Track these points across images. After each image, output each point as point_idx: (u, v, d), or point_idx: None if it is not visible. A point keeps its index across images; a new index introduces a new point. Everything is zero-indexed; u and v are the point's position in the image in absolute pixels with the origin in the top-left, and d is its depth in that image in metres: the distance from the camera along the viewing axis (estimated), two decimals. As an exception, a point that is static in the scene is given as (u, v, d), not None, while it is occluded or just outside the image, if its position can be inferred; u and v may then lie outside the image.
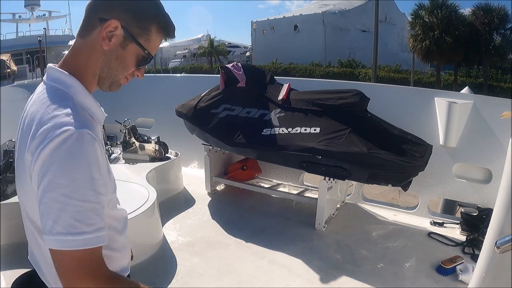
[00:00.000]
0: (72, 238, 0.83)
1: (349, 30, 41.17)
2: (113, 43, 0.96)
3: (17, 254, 3.01)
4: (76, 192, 0.83)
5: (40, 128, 0.86)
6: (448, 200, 4.31)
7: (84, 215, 0.84)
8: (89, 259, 0.86)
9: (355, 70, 30.72)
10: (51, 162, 0.83)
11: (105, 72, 1.01)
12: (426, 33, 22.25)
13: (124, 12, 0.95)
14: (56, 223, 0.82)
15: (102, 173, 0.90)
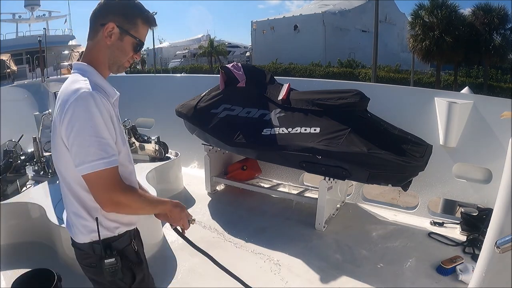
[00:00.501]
0: (99, 162, 1.20)
1: (349, 30, 41.16)
2: (113, 39, 1.34)
3: (17, 254, 3.01)
4: (96, 133, 1.20)
5: (64, 97, 1.25)
6: (448, 200, 4.30)
7: (104, 147, 1.22)
8: (111, 176, 1.24)
9: (355, 70, 30.71)
10: (74, 116, 1.19)
11: (111, 60, 1.38)
12: (426, 33, 22.23)
13: (116, 15, 1.33)
14: (88, 155, 1.19)
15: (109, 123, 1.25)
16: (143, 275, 1.48)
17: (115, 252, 1.36)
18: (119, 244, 1.40)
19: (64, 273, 2.35)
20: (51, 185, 3.54)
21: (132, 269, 1.43)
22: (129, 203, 1.29)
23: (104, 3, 1.35)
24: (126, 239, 1.43)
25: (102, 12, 1.34)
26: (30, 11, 23.95)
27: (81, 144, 1.20)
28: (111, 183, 1.24)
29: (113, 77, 1.61)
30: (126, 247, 1.42)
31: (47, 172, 3.92)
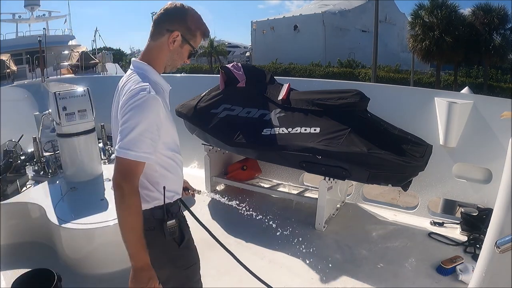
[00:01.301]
0: (125, 151, 1.37)
1: (349, 30, 41.15)
2: (175, 45, 1.55)
3: (17, 254, 3.01)
4: (139, 128, 1.37)
5: (128, 94, 1.43)
6: (448, 200, 4.30)
7: (137, 142, 1.37)
8: (129, 168, 1.38)
9: (355, 70, 30.72)
10: (130, 110, 1.39)
11: (169, 62, 1.60)
12: (426, 33, 22.23)
13: (182, 26, 1.54)
14: (122, 142, 1.38)
15: (160, 125, 1.45)
16: (189, 236, 1.70)
17: (174, 215, 1.59)
18: (174, 209, 1.63)
19: (64, 273, 2.35)
20: (51, 185, 3.54)
21: (182, 229, 1.65)
22: (122, 203, 1.38)
23: (173, 11, 1.55)
24: (177, 206, 1.67)
25: (171, 19, 1.54)
26: (30, 11, 23.89)
27: (123, 131, 1.39)
28: (125, 173, 1.39)
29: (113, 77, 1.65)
30: (178, 211, 1.67)
31: (47, 172, 3.92)
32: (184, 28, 1.53)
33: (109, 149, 4.66)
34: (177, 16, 1.54)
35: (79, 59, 18.25)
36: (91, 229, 2.75)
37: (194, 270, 1.75)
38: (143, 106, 1.38)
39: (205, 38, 1.63)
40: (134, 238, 1.38)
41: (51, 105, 3.64)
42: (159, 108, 1.43)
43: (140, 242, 1.39)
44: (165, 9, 1.55)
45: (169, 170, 1.61)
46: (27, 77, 15.58)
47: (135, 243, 1.38)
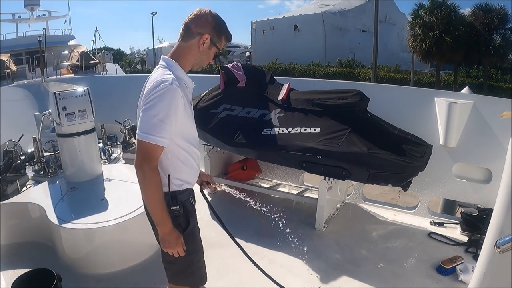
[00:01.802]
0: (146, 135, 1.56)
1: (349, 30, 41.15)
2: (204, 47, 1.72)
3: (17, 254, 3.01)
4: (158, 115, 1.55)
5: (152, 85, 1.61)
6: (448, 200, 4.31)
7: (156, 128, 1.56)
8: (149, 150, 1.58)
9: (355, 70, 30.72)
10: (153, 99, 1.57)
11: (197, 60, 1.77)
12: (426, 33, 22.23)
13: (211, 29, 1.71)
14: (143, 127, 1.58)
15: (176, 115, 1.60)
16: (194, 224, 1.86)
17: (179, 202, 1.74)
18: (182, 197, 1.77)
19: (64, 273, 2.36)
20: (51, 185, 3.54)
21: (188, 217, 1.80)
22: (144, 182, 1.63)
23: (204, 16, 1.72)
24: (187, 194, 1.80)
25: (203, 23, 1.71)
26: (30, 11, 23.87)
27: (144, 118, 1.58)
28: (145, 155, 1.60)
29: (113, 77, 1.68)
30: (186, 200, 1.79)
31: (47, 172, 3.92)
32: (213, 32, 1.72)
33: (109, 149, 4.66)
34: (209, 21, 1.72)
35: (79, 59, 18.25)
36: (91, 229, 2.75)
37: (197, 257, 1.91)
38: (164, 96, 1.56)
39: (228, 41, 1.84)
40: (159, 209, 1.64)
41: (51, 105, 3.64)
42: (178, 98, 1.59)
43: (164, 212, 1.65)
44: (195, 14, 1.72)
45: (182, 160, 1.75)
46: (27, 77, 15.57)
47: (160, 213, 1.64)
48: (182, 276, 1.90)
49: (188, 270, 1.89)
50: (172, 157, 1.71)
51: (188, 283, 1.93)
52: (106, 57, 22.79)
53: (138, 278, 2.76)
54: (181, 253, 1.74)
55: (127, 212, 2.88)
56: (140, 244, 3.01)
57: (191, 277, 1.92)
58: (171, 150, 1.69)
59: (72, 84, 4.16)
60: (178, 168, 1.74)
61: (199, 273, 1.96)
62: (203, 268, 1.99)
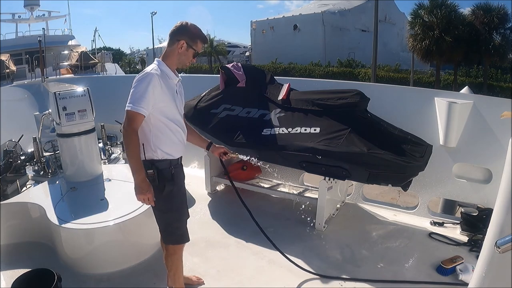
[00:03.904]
0: (129, 105, 2.05)
1: (348, 30, 41.14)
2: (182, 49, 2.21)
3: (17, 254, 3.01)
4: (139, 92, 2.06)
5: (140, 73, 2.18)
6: (448, 200, 4.30)
7: (137, 100, 2.05)
8: (131, 116, 2.06)
9: (355, 70, 30.72)
10: (136, 81, 2.10)
11: (179, 61, 2.25)
12: (426, 32, 22.22)
13: (186, 36, 2.19)
14: (129, 100, 2.06)
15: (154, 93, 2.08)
16: (172, 189, 2.22)
17: (155, 167, 2.16)
18: (160, 164, 2.19)
19: (64, 273, 2.36)
20: (51, 185, 3.54)
21: (164, 182, 2.19)
22: (126, 140, 2.09)
23: (180, 27, 2.21)
24: (166, 163, 2.21)
25: (179, 32, 2.20)
26: (29, 11, 23.81)
27: (132, 94, 2.08)
28: (129, 121, 2.06)
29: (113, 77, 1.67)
30: (165, 168, 2.20)
31: (47, 172, 3.92)
32: (188, 38, 2.19)
33: (109, 149, 4.66)
34: (184, 30, 2.20)
35: (79, 59, 18.24)
36: (91, 229, 2.75)
37: (172, 217, 2.31)
38: (143, 79, 2.08)
39: (204, 43, 2.30)
40: (134, 161, 2.08)
41: (51, 105, 3.64)
42: (155, 81, 2.08)
43: (139, 164, 2.09)
44: (175, 26, 2.22)
45: (162, 133, 2.19)
46: (27, 77, 15.55)
47: (135, 164, 2.08)
48: (164, 235, 2.36)
49: (168, 229, 2.33)
50: (154, 129, 2.16)
51: (171, 241, 2.34)
52: (106, 57, 22.77)
53: (138, 278, 2.76)
54: (150, 201, 2.15)
55: (127, 212, 2.88)
56: (140, 244, 3.01)
57: (171, 236, 2.34)
58: (153, 124, 2.15)
59: (72, 84, 4.15)
60: (158, 139, 2.18)
61: (177, 232, 2.33)
62: (182, 229, 2.34)
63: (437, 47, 21.74)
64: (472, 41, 22.01)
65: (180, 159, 2.34)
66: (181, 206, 2.35)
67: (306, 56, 36.01)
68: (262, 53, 41.66)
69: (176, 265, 2.39)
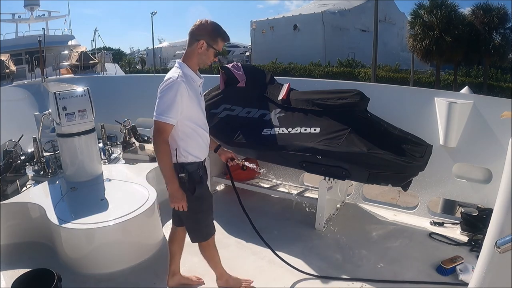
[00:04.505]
0: (159, 116, 2.07)
1: (348, 29, 41.15)
2: (203, 49, 2.18)
3: (17, 254, 3.01)
4: (167, 102, 2.07)
5: (164, 80, 2.14)
6: (448, 200, 4.30)
7: (166, 110, 2.07)
8: (161, 127, 2.09)
9: (355, 70, 30.73)
10: (162, 90, 2.10)
11: (200, 61, 2.23)
12: (426, 32, 22.22)
13: (206, 35, 2.16)
14: (157, 110, 2.09)
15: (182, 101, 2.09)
16: (201, 191, 2.30)
17: (185, 171, 2.21)
18: (189, 167, 2.24)
19: (64, 273, 2.36)
20: (51, 185, 3.54)
21: (195, 184, 2.25)
22: (157, 150, 2.13)
23: (200, 26, 2.17)
24: (194, 166, 2.27)
25: (199, 31, 2.17)
26: (29, 11, 23.82)
27: (159, 103, 2.09)
28: (158, 131, 2.09)
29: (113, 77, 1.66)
30: (194, 171, 2.26)
31: (47, 172, 3.92)
32: (208, 37, 2.16)
33: (109, 149, 4.66)
34: (203, 29, 2.16)
35: (79, 59, 18.24)
36: (91, 229, 2.75)
37: (202, 218, 2.38)
38: (171, 87, 2.07)
39: (225, 42, 2.26)
40: (168, 171, 2.13)
41: (51, 105, 3.64)
42: (182, 89, 2.07)
43: (172, 174, 2.14)
44: (195, 24, 2.19)
45: (190, 138, 2.23)
46: (27, 77, 15.55)
47: (169, 174, 2.14)
48: (194, 234, 2.43)
49: (197, 227, 2.40)
50: (182, 134, 2.19)
51: (201, 239, 2.43)
52: (106, 57, 22.78)
53: (138, 278, 2.76)
54: (185, 208, 2.21)
55: (127, 212, 2.88)
56: (140, 244, 3.01)
57: (201, 233, 2.42)
58: (181, 130, 2.18)
59: (72, 84, 4.15)
60: (186, 143, 2.22)
61: (205, 231, 2.42)
62: (208, 228, 2.43)
63: (437, 47, 21.75)
64: (472, 41, 22.02)
65: (205, 160, 2.42)
66: (210, 206, 2.43)
67: (306, 56, 36.02)
68: (262, 53, 41.66)
69: (213, 254, 2.53)
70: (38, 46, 7.82)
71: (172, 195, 2.18)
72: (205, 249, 2.49)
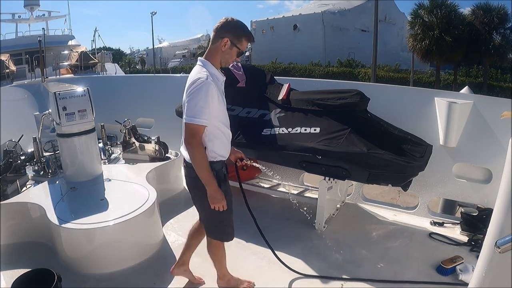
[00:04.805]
0: (191, 119, 2.05)
1: (348, 29, 41.15)
2: (226, 48, 2.14)
3: (17, 254, 3.01)
4: (199, 103, 2.03)
5: (191, 81, 2.11)
6: (448, 200, 4.30)
7: (198, 112, 2.04)
8: (194, 129, 2.07)
9: (355, 70, 30.72)
10: (192, 92, 2.06)
11: (223, 60, 2.19)
12: (426, 32, 22.23)
13: (230, 33, 2.12)
14: (188, 113, 2.07)
15: (213, 102, 2.07)
16: (226, 189, 2.30)
17: (213, 170, 2.18)
18: (216, 166, 2.23)
19: (64, 273, 2.36)
20: (51, 185, 3.54)
21: (220, 182, 2.23)
22: (193, 153, 2.12)
23: (225, 23, 2.13)
24: (220, 165, 2.28)
25: (223, 29, 2.12)
26: (29, 11, 23.81)
27: (190, 106, 2.06)
28: (192, 134, 2.08)
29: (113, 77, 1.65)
30: (219, 169, 2.27)
31: (47, 172, 3.91)
32: (232, 35, 2.12)
33: (109, 149, 4.66)
34: (228, 27, 2.13)
35: (79, 59, 18.24)
36: (91, 229, 2.75)
37: (226, 214, 2.33)
38: (201, 89, 2.03)
39: (250, 42, 2.22)
40: (206, 172, 2.13)
41: (51, 105, 3.64)
42: (212, 90, 2.05)
43: (210, 175, 2.14)
44: (220, 22, 2.15)
45: (216, 137, 2.21)
46: (27, 77, 15.55)
47: (207, 175, 2.13)
48: (214, 231, 2.42)
49: (219, 225, 2.39)
50: (209, 135, 2.17)
51: (220, 238, 2.44)
52: (106, 57, 22.79)
53: (138, 278, 2.76)
54: (224, 207, 2.22)
55: (127, 212, 2.88)
56: (140, 244, 3.01)
57: (221, 232, 2.42)
58: (209, 130, 2.16)
59: (72, 84, 4.15)
60: (213, 143, 2.20)
61: (226, 231, 2.43)
62: (231, 227, 2.44)
63: (437, 47, 21.75)
64: (472, 41, 22.02)
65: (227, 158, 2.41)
66: (231, 205, 2.40)
67: (306, 56, 36.02)
68: (262, 53, 41.63)
69: (221, 254, 2.54)
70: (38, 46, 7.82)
71: (211, 196, 2.17)
72: (215, 248, 2.49)
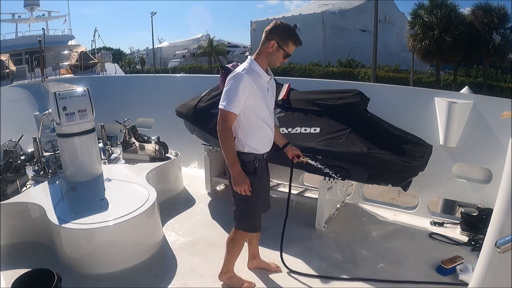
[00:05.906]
0: (223, 105, 2.20)
1: (348, 29, 41.15)
2: (273, 49, 2.26)
3: (17, 254, 3.01)
4: (231, 92, 2.18)
5: (232, 73, 2.26)
6: (448, 200, 4.30)
7: (232, 100, 2.18)
8: (225, 115, 2.21)
9: (355, 70, 30.73)
10: (228, 82, 2.22)
11: (270, 61, 2.31)
12: (426, 32, 22.24)
13: (278, 36, 2.24)
14: (222, 100, 2.21)
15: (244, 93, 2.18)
16: (254, 181, 2.34)
17: (241, 160, 2.30)
18: (245, 157, 2.33)
19: (64, 273, 2.35)
20: (51, 185, 3.54)
21: (248, 175, 2.31)
22: (220, 136, 2.24)
23: (274, 26, 2.26)
24: (252, 157, 2.35)
25: (271, 32, 2.25)
26: (29, 11, 23.81)
27: (224, 93, 2.22)
28: (223, 120, 2.21)
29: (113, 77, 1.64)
30: (250, 161, 2.34)
31: (47, 172, 3.91)
32: (279, 38, 2.24)
33: (109, 149, 4.66)
34: (276, 30, 2.25)
35: (79, 59, 18.24)
36: (91, 229, 2.75)
37: (250, 207, 2.46)
38: (235, 80, 2.19)
39: (297, 45, 2.30)
40: (231, 155, 2.25)
41: (51, 105, 3.64)
42: (245, 82, 2.17)
43: (235, 158, 2.26)
44: (270, 25, 2.28)
45: (250, 129, 2.31)
46: (27, 77, 15.55)
47: (231, 158, 2.25)
48: (238, 221, 2.53)
49: (243, 217, 2.50)
50: (242, 126, 2.29)
51: (243, 228, 2.53)
52: (106, 57, 22.79)
53: (138, 278, 2.76)
54: (247, 191, 2.29)
55: (127, 212, 2.88)
56: (140, 244, 3.01)
57: (244, 223, 2.52)
58: (242, 121, 2.28)
59: (72, 84, 4.15)
60: (245, 135, 2.30)
61: (250, 222, 2.51)
62: (255, 220, 2.52)
63: (437, 47, 21.76)
64: (472, 41, 22.02)
65: (266, 154, 2.46)
66: (258, 199, 2.46)
67: (306, 56, 35.94)
68: (262, 53, 41.59)
69: (237, 248, 2.60)
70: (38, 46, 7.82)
71: (234, 177, 2.27)
72: (236, 240, 2.57)
